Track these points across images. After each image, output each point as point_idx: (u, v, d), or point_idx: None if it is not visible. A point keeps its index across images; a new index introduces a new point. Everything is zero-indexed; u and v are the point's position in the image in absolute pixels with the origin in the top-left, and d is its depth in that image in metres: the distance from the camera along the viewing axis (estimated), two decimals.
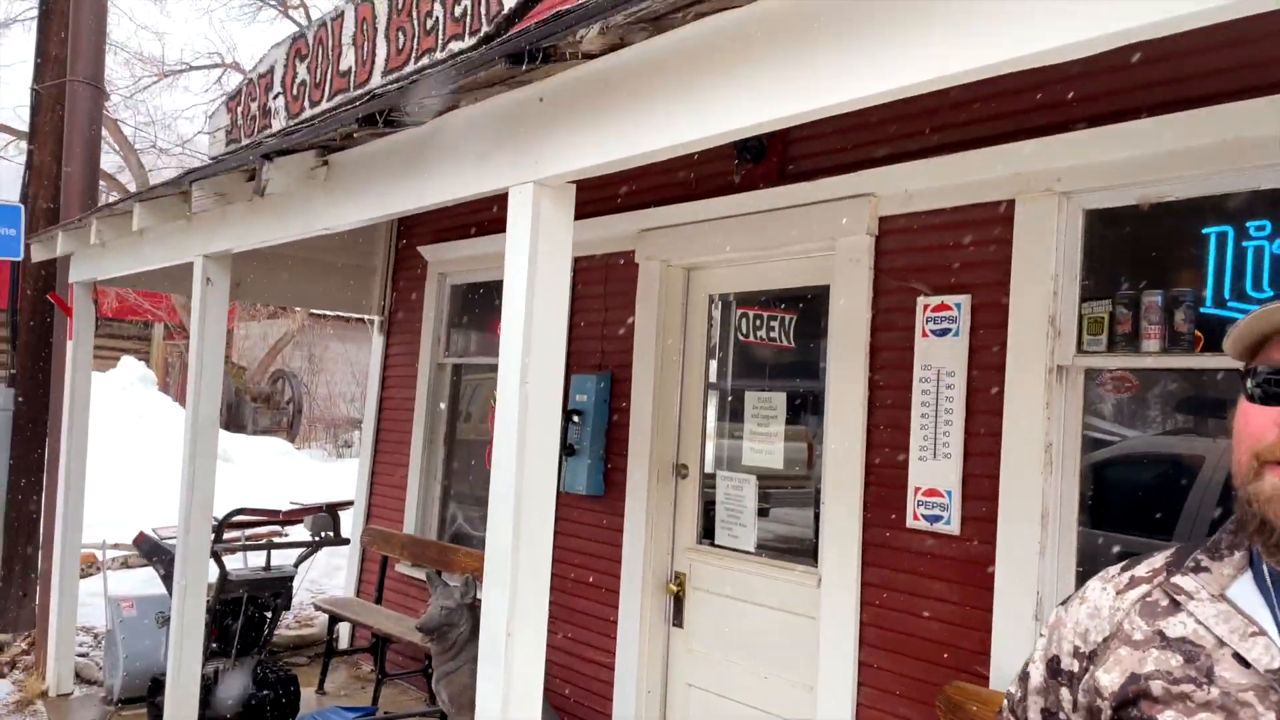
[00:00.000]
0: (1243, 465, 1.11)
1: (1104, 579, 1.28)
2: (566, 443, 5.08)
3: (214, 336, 4.05)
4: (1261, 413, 1.10)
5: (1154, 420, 3.19)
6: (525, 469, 2.29)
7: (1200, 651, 1.14)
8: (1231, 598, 1.16)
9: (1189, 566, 1.20)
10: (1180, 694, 1.13)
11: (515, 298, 2.33)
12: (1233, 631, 1.13)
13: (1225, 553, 1.20)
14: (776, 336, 4.55)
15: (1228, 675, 1.11)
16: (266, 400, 15.86)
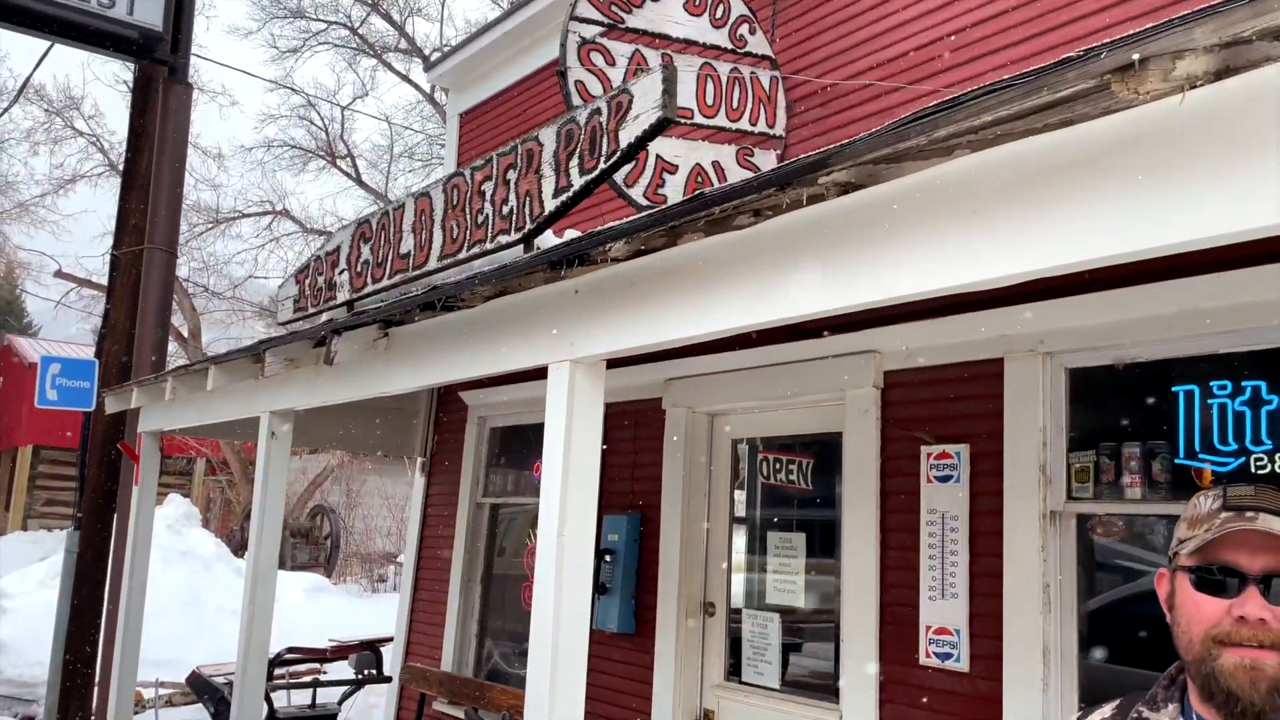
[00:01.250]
0: (1196, 645, 1.36)
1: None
2: (599, 581, 5.34)
3: (276, 486, 4.42)
4: (1214, 602, 1.36)
5: (1143, 560, 3.43)
6: (562, 613, 2.58)
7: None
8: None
9: (1133, 716, 1.47)
10: None
11: (553, 460, 2.67)
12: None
13: (1161, 705, 1.46)
14: (796, 479, 4.85)
15: None
16: (305, 536, 16.17)
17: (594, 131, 2.85)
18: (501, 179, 3.20)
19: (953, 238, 1.80)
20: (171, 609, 11.04)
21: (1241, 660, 1.32)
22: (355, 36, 21.84)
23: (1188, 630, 1.38)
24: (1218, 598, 1.36)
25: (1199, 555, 1.38)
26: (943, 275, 1.78)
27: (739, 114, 4.78)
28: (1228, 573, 1.36)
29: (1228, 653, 1.33)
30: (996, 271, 1.69)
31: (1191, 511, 1.43)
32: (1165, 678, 1.50)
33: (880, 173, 1.92)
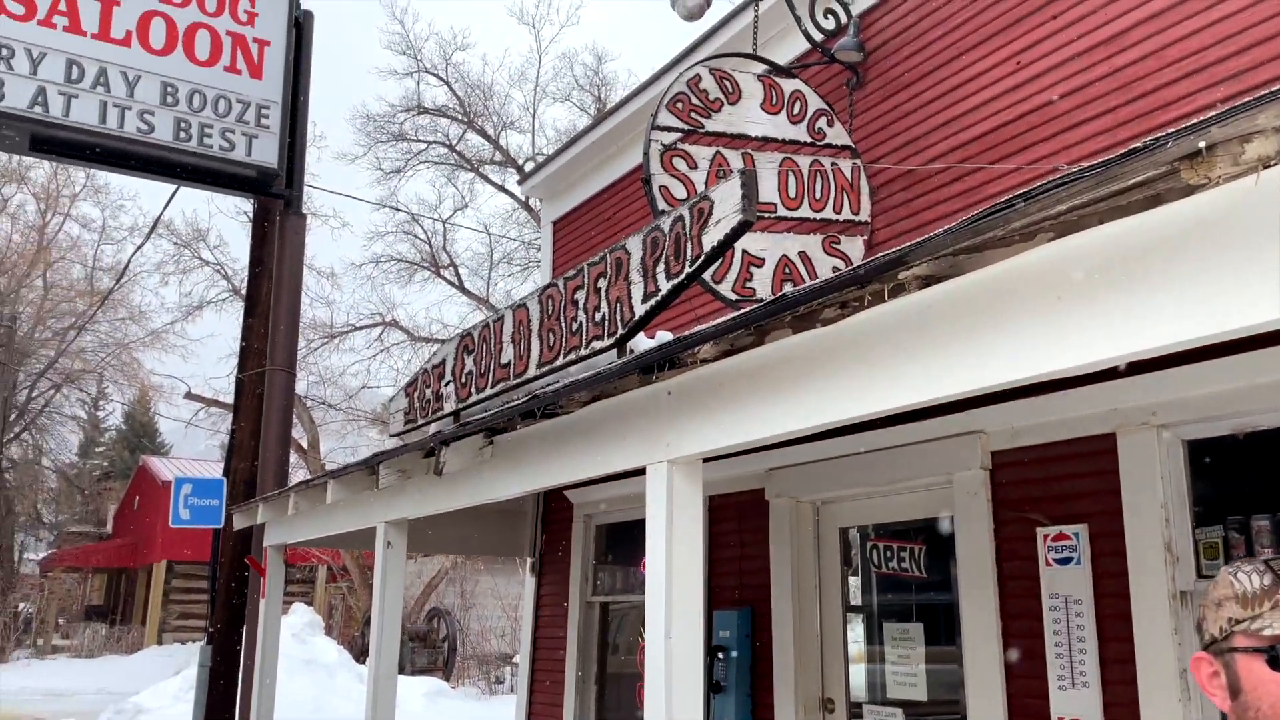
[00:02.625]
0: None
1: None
2: (713, 680, 5.26)
3: (393, 594, 4.54)
4: None
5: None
6: (673, 703, 2.57)
7: None
8: None
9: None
10: None
11: (656, 562, 2.70)
12: None
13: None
14: (908, 566, 4.73)
15: None
16: (423, 639, 16.36)
17: (678, 238, 2.95)
18: (593, 287, 3.32)
19: (1038, 324, 1.81)
20: (298, 718, 11.25)
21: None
22: (453, 153, 22.94)
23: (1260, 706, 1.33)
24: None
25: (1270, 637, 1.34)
26: (1028, 364, 1.78)
27: (822, 204, 4.85)
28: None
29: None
30: (1083, 359, 1.69)
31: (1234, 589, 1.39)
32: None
33: (962, 264, 1.94)
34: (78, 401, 33.48)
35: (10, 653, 21.27)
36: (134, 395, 35.22)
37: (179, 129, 6.54)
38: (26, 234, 25.82)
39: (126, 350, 28.42)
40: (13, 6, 6.22)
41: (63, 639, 24.41)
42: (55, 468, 31.49)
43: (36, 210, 25.77)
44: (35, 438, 29.06)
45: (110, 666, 19.61)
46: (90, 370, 27.92)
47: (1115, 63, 3.89)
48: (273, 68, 7.12)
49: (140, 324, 28.29)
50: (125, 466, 35.69)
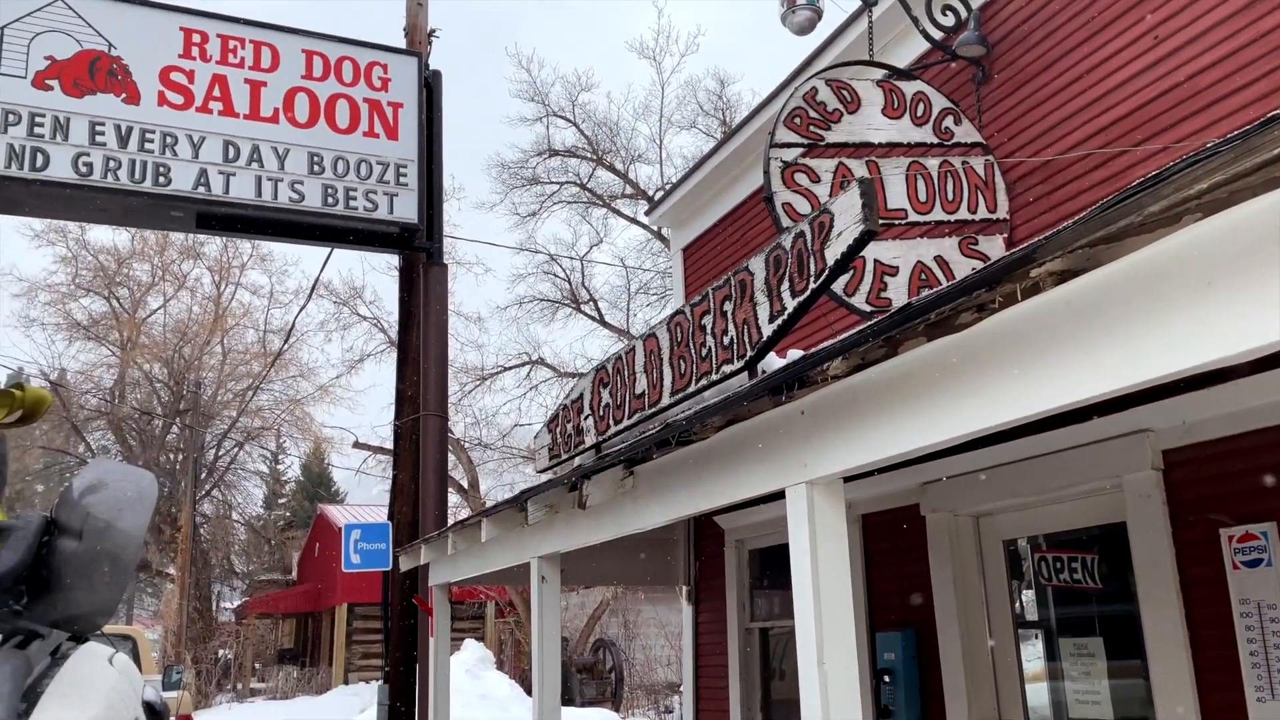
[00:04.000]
0: None
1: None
2: (881, 704, 5.10)
3: (550, 626, 4.62)
4: None
5: None
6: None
7: None
8: None
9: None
10: None
11: (803, 586, 2.64)
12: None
13: None
14: (1080, 578, 4.47)
15: None
16: (590, 670, 16.54)
17: (800, 254, 2.91)
18: (719, 311, 3.31)
19: (1190, 312, 1.68)
20: None
21: None
22: (585, 191, 23.45)
23: None
24: None
25: None
26: (1179, 355, 1.66)
27: (955, 205, 4.68)
28: None
29: None
30: (1238, 346, 1.56)
31: None
32: None
33: (1099, 255, 1.83)
34: (259, 457, 35.78)
35: (213, 697, 22.75)
36: (309, 448, 37.37)
37: (326, 195, 6.94)
38: (205, 305, 27.91)
39: (299, 406, 30.22)
40: (173, 97, 6.78)
41: (259, 682, 25.97)
42: (243, 520, 33.68)
43: (212, 282, 27.83)
44: (224, 493, 31.20)
45: (303, 707, 20.70)
46: (268, 427, 29.79)
47: (1261, 27, 3.61)
48: (407, 128, 7.47)
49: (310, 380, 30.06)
50: (305, 515, 37.83)
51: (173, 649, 23.06)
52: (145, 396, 28.23)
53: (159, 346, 27.21)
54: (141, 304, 27.81)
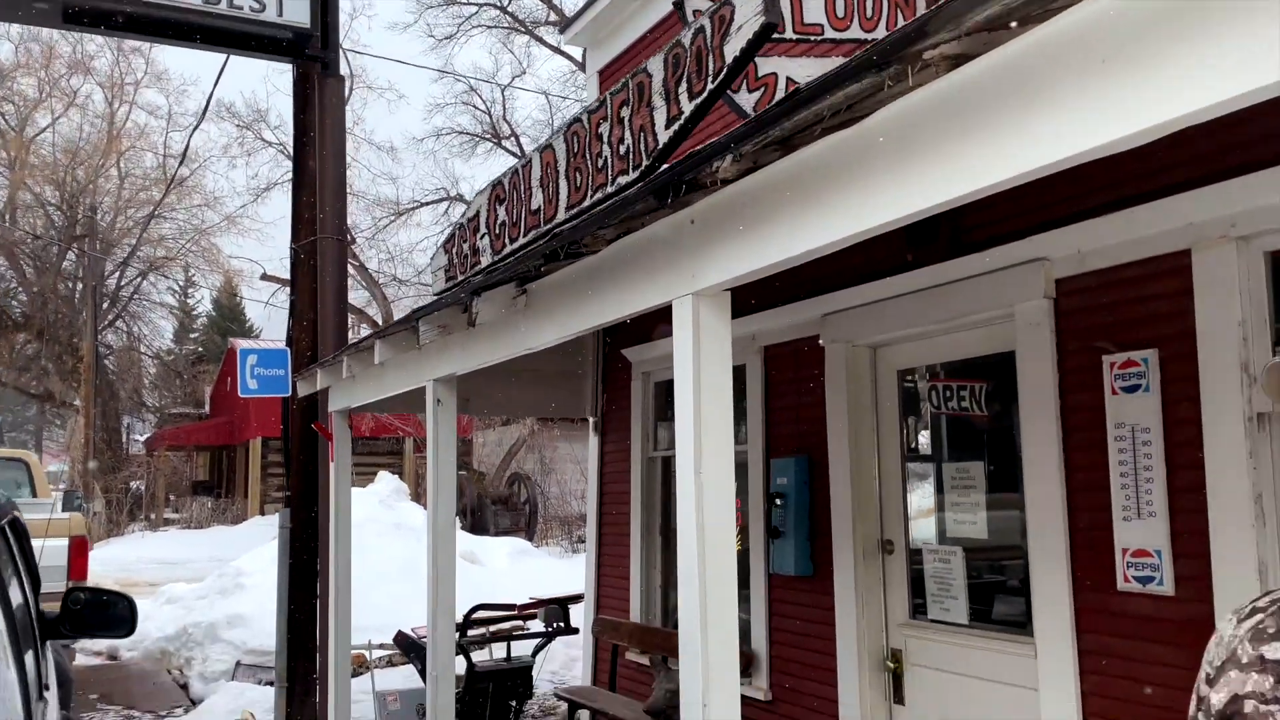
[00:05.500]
0: None
1: (1233, 610, 1.39)
2: (771, 525, 5.25)
3: (446, 450, 4.57)
4: None
5: None
6: (706, 551, 2.52)
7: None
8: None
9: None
10: (1266, 712, 1.23)
11: (684, 398, 2.59)
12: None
13: None
14: (968, 406, 4.57)
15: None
16: (505, 503, 16.89)
17: (699, 52, 2.72)
18: (616, 118, 3.13)
19: (1086, 93, 1.58)
20: (390, 577, 11.78)
21: None
22: (506, 15, 22.27)
23: None
24: None
25: None
26: (1072, 140, 1.57)
27: (874, 23, 4.47)
28: None
29: None
30: (1135, 126, 1.47)
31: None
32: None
33: (999, 37, 1.71)
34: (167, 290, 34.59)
35: (125, 527, 22.72)
36: (219, 282, 36.25)
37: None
38: (97, 125, 26.21)
39: (205, 236, 29.09)
40: None
41: (173, 513, 25.98)
42: (151, 353, 32.84)
43: (104, 100, 26.05)
44: (130, 325, 30.24)
45: (219, 537, 20.82)
46: (173, 257, 28.69)
47: None
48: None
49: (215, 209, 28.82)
50: (217, 350, 37.08)
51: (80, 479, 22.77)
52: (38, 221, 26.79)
53: (50, 168, 25.64)
54: (29, 121, 26.01)
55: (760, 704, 5.43)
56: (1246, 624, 1.34)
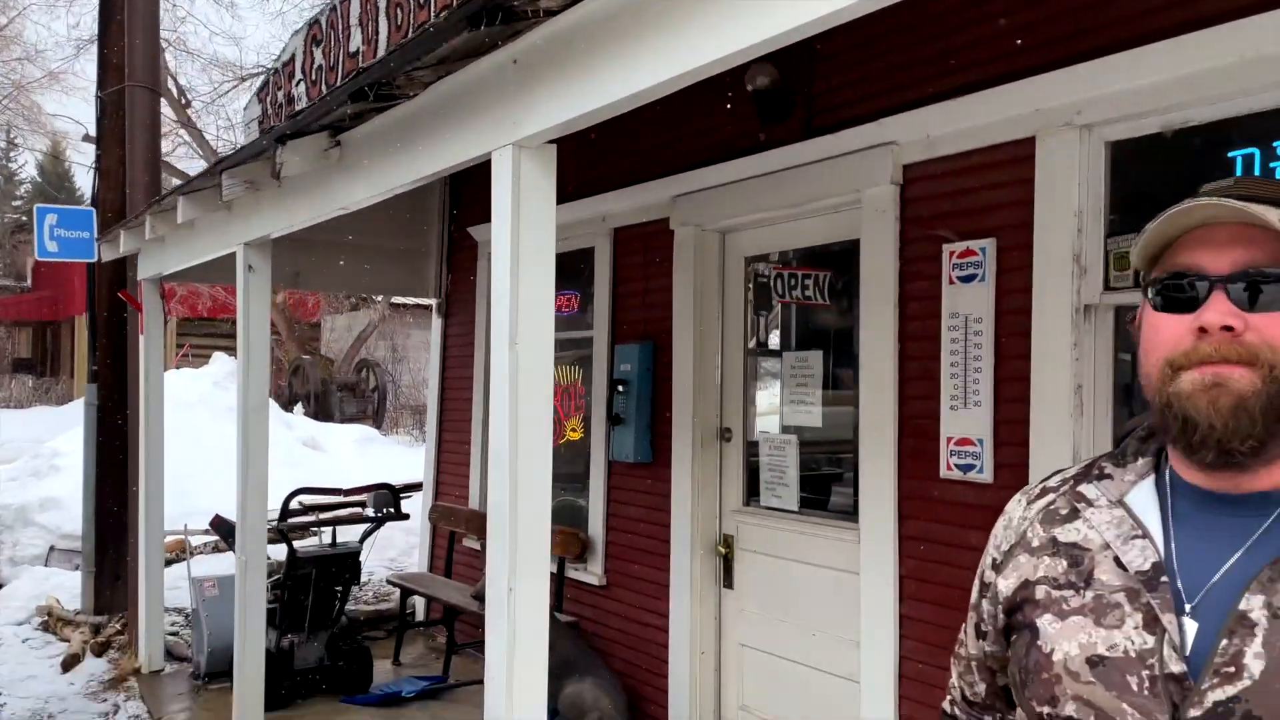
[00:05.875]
0: (1155, 374, 1.09)
1: (1023, 491, 1.30)
2: (613, 412, 5.13)
3: (258, 322, 4.21)
4: (1172, 322, 1.07)
5: None
6: (520, 428, 2.33)
7: (1085, 555, 1.15)
8: (1128, 503, 1.16)
9: (1094, 474, 1.21)
10: (1059, 598, 1.14)
11: (501, 259, 2.36)
12: (1118, 535, 1.13)
13: (1130, 459, 1.20)
14: (812, 295, 4.50)
15: (1104, 578, 1.12)
16: (352, 389, 16.36)
17: None
18: None
19: None
20: (219, 461, 11.24)
21: (1201, 378, 1.04)
22: None
23: (1145, 362, 1.11)
24: (1178, 314, 1.08)
25: (1160, 266, 1.11)
26: None
27: None
28: (1187, 279, 1.07)
29: (1186, 375, 1.05)
30: None
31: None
32: (1143, 429, 1.23)
33: None
34: None
35: None
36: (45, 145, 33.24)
37: None
38: None
39: (25, 93, 26.38)
40: None
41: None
42: None
43: None
44: None
45: (41, 417, 19.44)
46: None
47: None
48: None
49: (37, 64, 26.10)
50: None
51: None
52: None
53: None
54: None
55: (595, 589, 5.41)
56: (1037, 505, 1.24)
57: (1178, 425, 1.05)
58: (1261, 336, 1.03)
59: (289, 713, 5.32)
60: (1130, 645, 1.06)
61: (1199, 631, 1.04)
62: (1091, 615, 1.10)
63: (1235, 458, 1.05)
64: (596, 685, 4.77)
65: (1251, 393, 1.02)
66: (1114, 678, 1.05)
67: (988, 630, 1.25)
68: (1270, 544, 1.06)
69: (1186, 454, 1.07)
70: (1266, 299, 1.04)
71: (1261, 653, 1.00)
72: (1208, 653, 1.02)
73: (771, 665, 4.49)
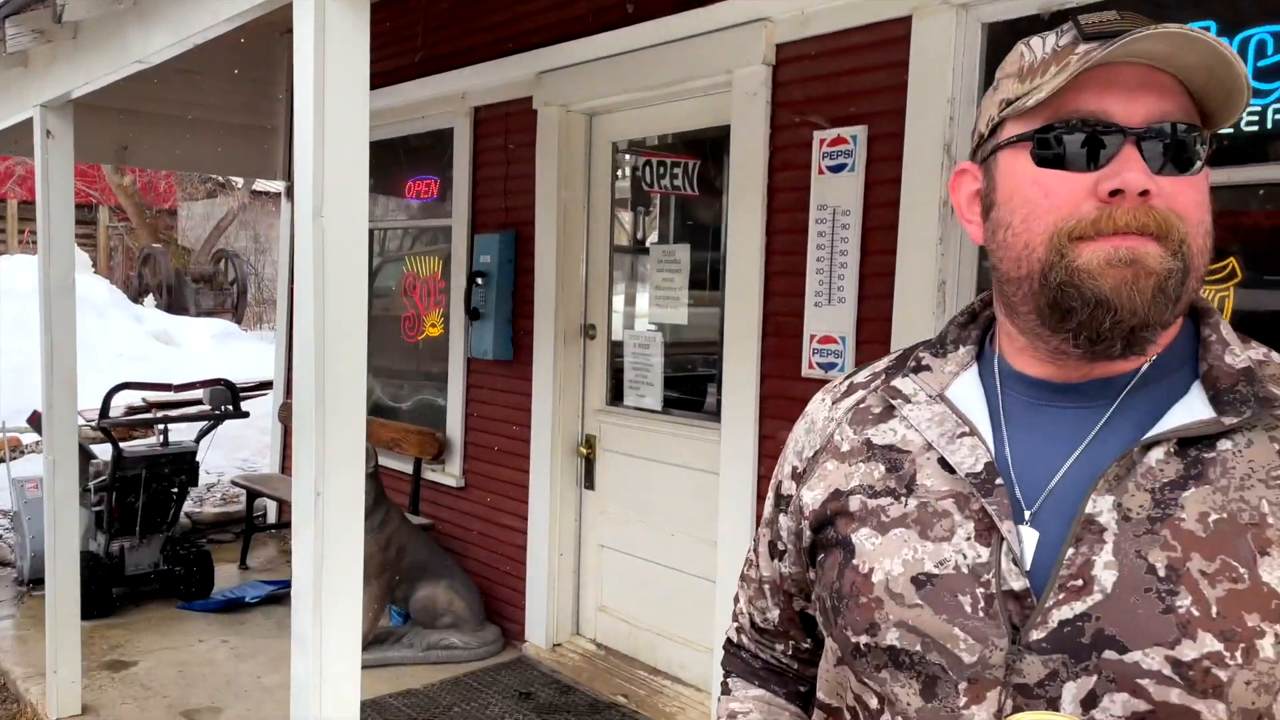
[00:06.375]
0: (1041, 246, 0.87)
1: (826, 389, 1.11)
2: (471, 306, 4.85)
3: (61, 195, 3.72)
4: (1067, 181, 0.86)
5: None
6: (328, 309, 2.05)
7: (905, 458, 0.97)
8: (950, 397, 0.98)
9: (910, 367, 1.03)
10: (876, 508, 0.96)
11: (304, 116, 2.04)
12: (943, 434, 0.95)
13: (951, 348, 1.02)
14: (681, 185, 4.28)
15: (929, 483, 0.94)
16: (209, 281, 15.43)
17: None
18: None
19: None
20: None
21: (1115, 253, 0.84)
22: None
23: (1024, 232, 0.88)
24: (1075, 171, 0.86)
25: (1042, 114, 0.88)
26: None
27: None
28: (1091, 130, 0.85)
29: (1090, 247, 0.85)
30: None
31: (1020, 62, 0.91)
32: (963, 314, 1.05)
33: None
34: None
35: None
36: None
37: None
38: None
39: None
40: None
41: None
42: None
43: None
44: None
45: None
46: None
47: None
48: None
49: None
50: None
51: None
52: None
53: None
54: None
55: (453, 490, 5.20)
56: (845, 404, 1.05)
57: (1084, 310, 0.85)
58: (1169, 204, 0.85)
59: (121, 619, 5.00)
60: (962, 560, 0.89)
61: (1040, 541, 0.88)
62: (916, 527, 0.92)
63: (1136, 348, 0.87)
64: (450, 588, 4.60)
65: (1168, 272, 0.84)
66: (943, 599, 0.88)
67: (786, 549, 1.07)
68: (1116, 436, 0.90)
69: (1086, 345, 0.87)
70: (1176, 160, 0.85)
71: (1113, 561, 0.84)
72: (1051, 565, 0.86)
73: (631, 566, 4.40)
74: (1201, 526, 0.84)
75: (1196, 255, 0.87)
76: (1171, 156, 0.85)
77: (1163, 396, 0.91)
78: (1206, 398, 0.90)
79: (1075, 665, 0.83)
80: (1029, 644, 0.85)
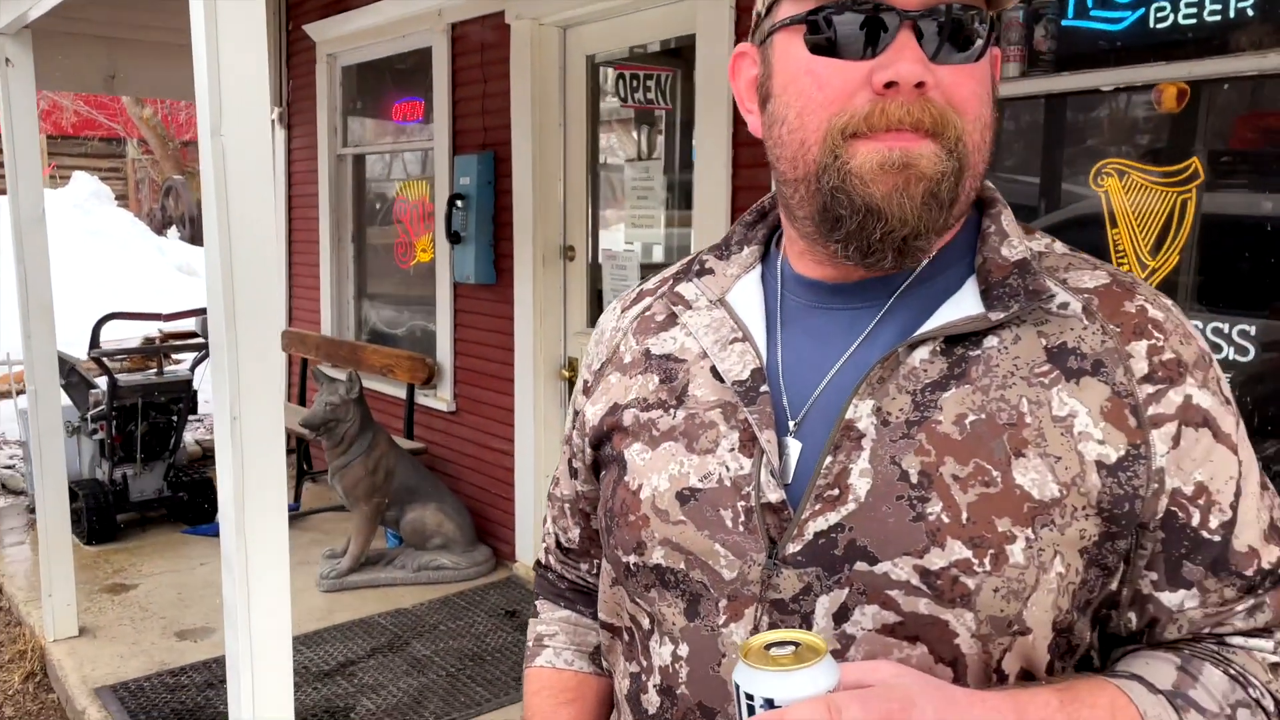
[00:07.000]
0: (816, 144, 0.80)
1: (619, 297, 1.06)
2: (452, 229, 4.79)
3: (24, 125, 3.70)
4: (840, 70, 0.78)
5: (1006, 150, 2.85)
6: (233, 229, 2.00)
7: (681, 368, 0.92)
8: (730, 301, 0.93)
9: (694, 271, 0.97)
10: (648, 421, 0.91)
11: (197, 26, 1.97)
12: (717, 341, 0.90)
13: (735, 250, 0.97)
14: (654, 98, 4.16)
15: (699, 393, 0.89)
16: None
17: None
18: None
19: None
20: (79, 288, 10.62)
21: (889, 155, 0.77)
22: None
23: (799, 126, 0.81)
24: (850, 59, 0.78)
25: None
26: None
27: None
28: (864, 11, 0.77)
29: (864, 147, 0.78)
30: None
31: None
32: (751, 213, 0.99)
33: None
34: None
35: None
36: None
37: None
38: None
39: None
40: None
41: None
42: None
43: None
44: None
45: None
46: None
47: None
48: None
49: None
50: None
51: None
52: None
53: None
54: None
55: (446, 414, 5.23)
56: (631, 312, 1.00)
57: (853, 218, 0.79)
58: (946, 97, 0.78)
59: (126, 544, 5.12)
60: (725, 473, 0.85)
61: (804, 450, 0.83)
62: (684, 439, 0.87)
63: (909, 258, 0.81)
64: (439, 510, 4.65)
65: (940, 175, 0.78)
66: (706, 514, 0.84)
67: (578, 467, 1.03)
68: (884, 337, 0.84)
69: (858, 256, 0.81)
70: (952, 47, 0.78)
71: (868, 468, 0.79)
72: (811, 475, 0.82)
73: None
74: (958, 429, 0.79)
75: (973, 152, 0.80)
76: (949, 36, 0.78)
77: (938, 293, 0.85)
78: (979, 292, 0.84)
79: (828, 578, 0.79)
80: (785, 558, 0.80)
